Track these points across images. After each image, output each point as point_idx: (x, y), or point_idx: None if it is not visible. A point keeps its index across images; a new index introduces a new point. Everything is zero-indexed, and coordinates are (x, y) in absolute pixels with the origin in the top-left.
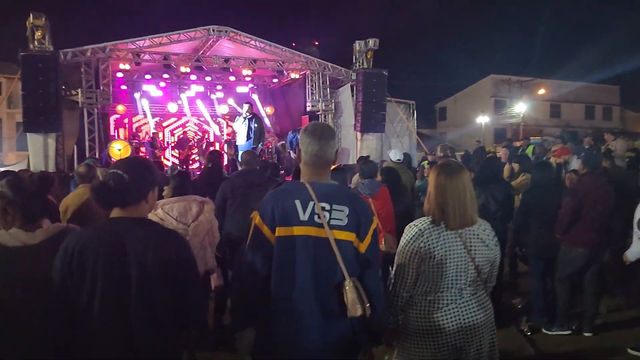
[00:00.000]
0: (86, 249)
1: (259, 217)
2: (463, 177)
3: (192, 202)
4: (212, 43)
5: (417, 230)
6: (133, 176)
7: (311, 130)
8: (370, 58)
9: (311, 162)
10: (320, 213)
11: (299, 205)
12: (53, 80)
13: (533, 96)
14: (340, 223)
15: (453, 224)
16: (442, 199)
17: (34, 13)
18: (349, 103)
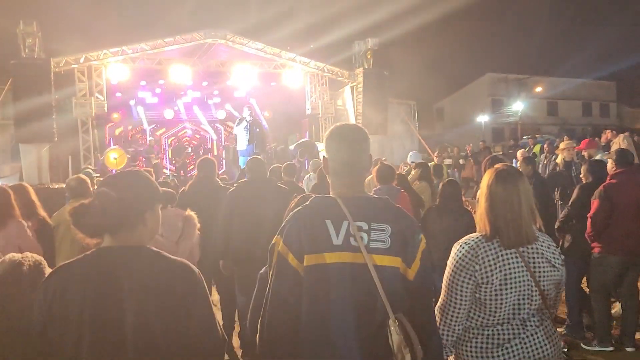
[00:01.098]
0: (70, 290)
1: (282, 242)
2: (519, 184)
3: (176, 216)
4: (208, 47)
5: (470, 249)
6: (125, 193)
7: (338, 133)
8: (370, 58)
9: (342, 172)
10: (357, 234)
11: (330, 226)
12: (45, 89)
13: (530, 94)
14: (381, 245)
15: (507, 241)
16: (493, 210)
17: (25, 20)
18: (350, 105)
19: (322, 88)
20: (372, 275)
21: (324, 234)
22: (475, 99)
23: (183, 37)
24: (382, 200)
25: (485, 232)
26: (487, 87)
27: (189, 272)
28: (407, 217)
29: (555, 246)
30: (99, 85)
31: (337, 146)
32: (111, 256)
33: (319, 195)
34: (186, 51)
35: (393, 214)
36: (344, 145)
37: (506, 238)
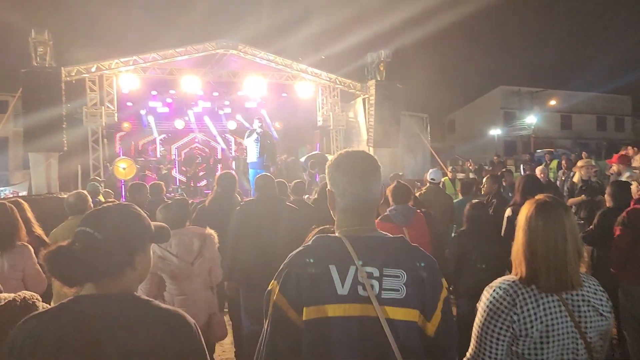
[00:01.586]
0: (41, 347)
1: (279, 291)
2: (564, 219)
3: (193, 235)
4: (220, 57)
5: (505, 294)
6: (111, 234)
7: (349, 165)
8: (383, 70)
9: (353, 209)
10: (366, 282)
11: (334, 273)
12: (56, 97)
13: (543, 107)
14: (395, 295)
15: (548, 286)
16: (532, 248)
17: (36, 28)
18: (362, 117)
19: (333, 100)
20: (384, 331)
21: (326, 282)
22: (487, 111)
23: (195, 47)
24: (396, 240)
25: (521, 274)
26: (500, 100)
27: (183, 325)
28: (425, 259)
29: (603, 291)
30: (110, 94)
31: (348, 180)
32: (92, 307)
33: (322, 235)
34: (197, 61)
35: (409, 257)
36: (356, 179)
37: (546, 282)
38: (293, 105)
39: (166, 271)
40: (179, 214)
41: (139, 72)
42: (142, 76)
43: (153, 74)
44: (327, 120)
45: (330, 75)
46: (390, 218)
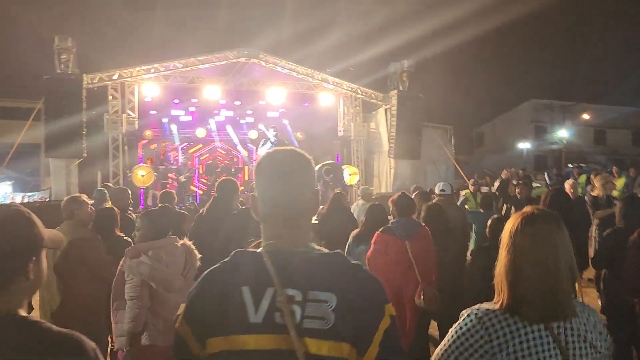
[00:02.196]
0: None
1: (182, 317)
2: (557, 236)
3: (175, 245)
4: (241, 66)
5: (480, 324)
6: None
7: (268, 163)
8: (406, 80)
9: (273, 217)
10: (285, 308)
11: (247, 296)
12: (77, 104)
13: (576, 121)
14: (320, 325)
15: (534, 314)
16: (516, 270)
17: (60, 36)
18: (383, 128)
19: (355, 110)
20: None
21: (236, 307)
22: (517, 124)
23: (216, 56)
24: (331, 257)
25: (503, 301)
26: (531, 113)
27: (79, 351)
28: (365, 282)
29: (601, 322)
30: (131, 102)
31: (267, 182)
32: None
33: (241, 250)
34: (219, 70)
35: (344, 277)
36: (274, 181)
37: (534, 311)
38: (315, 115)
39: (157, 282)
40: (160, 223)
41: (161, 80)
42: (163, 84)
43: (175, 82)
44: (348, 130)
45: (352, 85)
46: (392, 230)
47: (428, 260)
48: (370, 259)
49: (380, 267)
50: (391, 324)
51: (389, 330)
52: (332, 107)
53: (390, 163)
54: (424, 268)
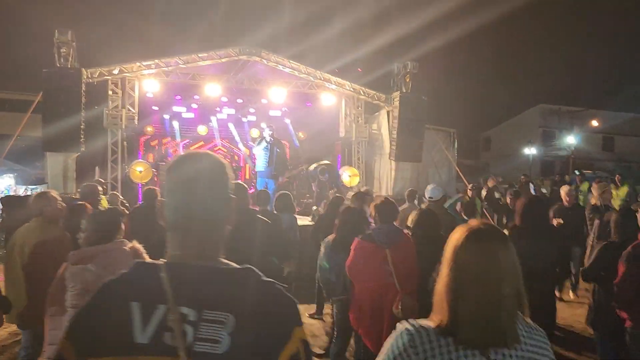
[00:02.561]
0: None
1: (66, 335)
2: (502, 254)
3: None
4: (243, 64)
5: (410, 343)
6: None
7: (175, 167)
8: (409, 82)
9: (177, 226)
10: (177, 327)
11: (136, 313)
12: (75, 98)
13: (584, 127)
14: (212, 349)
15: (470, 337)
16: (457, 287)
17: (60, 29)
18: (385, 129)
19: (357, 111)
20: None
21: (122, 324)
22: (525, 129)
23: (217, 53)
24: (236, 273)
25: (440, 320)
26: (538, 118)
27: None
28: (273, 301)
29: (549, 349)
30: (132, 97)
31: (172, 186)
32: None
33: (140, 261)
34: (220, 67)
35: (247, 296)
36: (180, 186)
37: (470, 334)
38: (317, 115)
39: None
40: (107, 226)
41: (162, 76)
42: (164, 80)
43: (175, 79)
44: (350, 131)
45: (355, 85)
46: (373, 237)
47: (408, 270)
48: (349, 267)
49: (360, 275)
50: (300, 349)
51: (296, 356)
52: (335, 107)
53: (391, 165)
54: (404, 277)
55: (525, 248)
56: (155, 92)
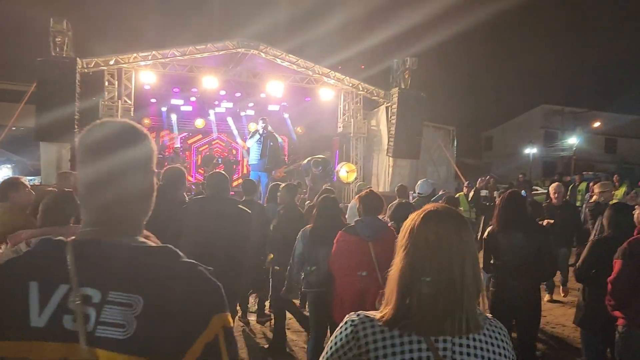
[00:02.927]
0: None
1: None
2: (463, 233)
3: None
4: (241, 57)
5: (351, 332)
6: None
7: (84, 136)
8: (408, 78)
9: (86, 200)
10: (79, 310)
11: (34, 293)
12: (69, 88)
13: (587, 129)
14: (116, 334)
15: (423, 323)
16: (412, 274)
17: (55, 18)
18: (384, 126)
19: (355, 106)
20: None
21: (16, 306)
22: (527, 130)
23: (215, 45)
24: (151, 252)
25: (387, 313)
26: (541, 119)
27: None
28: (191, 284)
29: (509, 341)
30: (128, 89)
31: (82, 157)
32: None
33: (46, 238)
34: (218, 59)
35: (161, 278)
36: (89, 156)
37: (421, 322)
38: (316, 110)
39: None
40: (61, 210)
41: (158, 67)
42: (161, 72)
43: (172, 71)
44: (348, 127)
45: (354, 80)
46: (356, 230)
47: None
48: (332, 260)
49: (343, 268)
50: (218, 338)
51: (213, 345)
52: (333, 102)
53: (388, 162)
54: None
55: (502, 242)
56: (153, 84)
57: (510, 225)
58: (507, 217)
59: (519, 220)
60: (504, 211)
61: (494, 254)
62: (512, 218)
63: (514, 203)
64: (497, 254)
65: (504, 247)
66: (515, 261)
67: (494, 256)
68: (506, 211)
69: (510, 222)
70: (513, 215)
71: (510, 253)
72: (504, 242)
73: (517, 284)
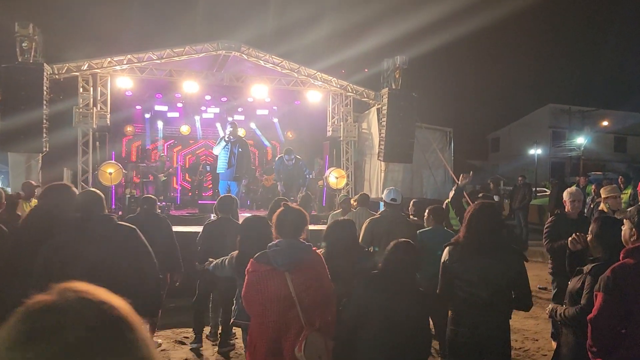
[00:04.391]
0: None
1: None
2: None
3: None
4: (223, 60)
5: None
6: None
7: None
8: (399, 78)
9: None
10: None
11: None
12: (36, 95)
13: (595, 128)
14: None
15: None
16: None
17: (20, 22)
18: (375, 128)
19: (345, 109)
20: None
21: None
22: (534, 130)
23: (194, 48)
24: None
25: None
26: (548, 118)
27: None
28: None
29: None
30: (104, 95)
31: None
32: None
33: None
34: (202, 64)
35: None
36: None
37: None
38: (305, 114)
39: None
40: None
41: (135, 72)
42: (138, 77)
43: (151, 75)
44: (337, 130)
45: (342, 82)
46: (268, 257)
47: (318, 297)
48: (245, 296)
49: (255, 307)
50: None
51: None
52: (322, 105)
53: (380, 167)
54: (311, 308)
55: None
56: (133, 90)
57: (481, 248)
58: (479, 237)
59: (490, 241)
60: (473, 230)
61: (458, 282)
62: (483, 239)
63: (487, 218)
64: (462, 283)
65: (469, 276)
66: (483, 293)
67: (458, 286)
68: (478, 229)
69: (481, 245)
70: (486, 234)
71: (479, 284)
72: (469, 268)
73: (483, 318)
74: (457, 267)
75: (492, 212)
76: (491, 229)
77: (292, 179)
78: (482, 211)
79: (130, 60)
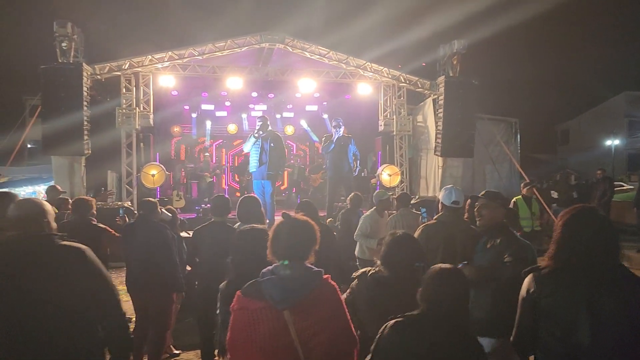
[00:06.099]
0: None
1: None
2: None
3: None
4: (268, 53)
5: None
6: None
7: None
8: (457, 65)
9: None
10: None
11: None
12: (77, 96)
13: None
14: None
15: None
16: None
17: (58, 21)
18: (432, 121)
19: (398, 101)
20: None
21: None
22: (608, 120)
23: (236, 42)
24: None
25: None
26: (624, 107)
27: None
28: None
29: None
30: (147, 94)
31: None
32: None
33: None
34: (247, 59)
35: None
36: None
37: None
38: (356, 109)
39: None
40: None
41: (177, 70)
42: (181, 75)
43: (193, 73)
44: (390, 124)
45: (394, 71)
46: (261, 291)
47: (329, 342)
48: (230, 343)
49: (243, 355)
50: None
51: None
52: (373, 98)
53: (438, 162)
54: (321, 356)
55: (564, 303)
56: (179, 89)
57: (594, 273)
58: (589, 259)
59: (609, 263)
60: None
61: (546, 324)
62: (597, 260)
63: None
64: (554, 326)
65: (572, 313)
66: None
67: (546, 329)
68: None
69: (593, 268)
70: (599, 254)
71: (589, 330)
72: (573, 304)
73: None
74: (548, 302)
75: (602, 221)
76: (606, 246)
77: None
78: (588, 219)
79: (171, 57)
